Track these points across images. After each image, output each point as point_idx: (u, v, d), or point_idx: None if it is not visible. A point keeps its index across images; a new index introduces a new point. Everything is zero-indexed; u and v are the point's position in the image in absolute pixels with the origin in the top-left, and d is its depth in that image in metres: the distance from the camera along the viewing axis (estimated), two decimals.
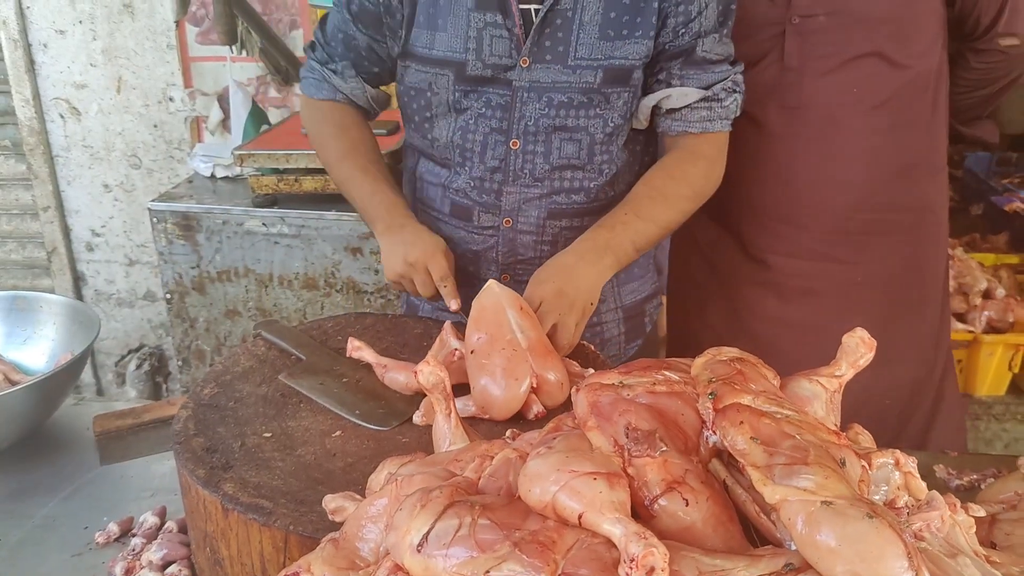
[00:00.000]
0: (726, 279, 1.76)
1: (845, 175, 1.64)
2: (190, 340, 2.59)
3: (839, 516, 0.58)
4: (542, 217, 1.53)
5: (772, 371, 0.84)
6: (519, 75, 1.44)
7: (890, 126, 1.63)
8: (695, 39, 1.44)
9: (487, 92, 1.46)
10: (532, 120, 1.46)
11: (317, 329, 1.46)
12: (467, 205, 1.55)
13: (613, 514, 0.60)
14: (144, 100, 3.28)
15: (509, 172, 1.50)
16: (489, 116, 1.47)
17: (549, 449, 0.68)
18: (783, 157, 1.62)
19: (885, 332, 1.75)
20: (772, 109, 1.60)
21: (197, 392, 1.25)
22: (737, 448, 0.67)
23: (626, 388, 0.76)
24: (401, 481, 0.79)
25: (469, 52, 1.43)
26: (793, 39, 1.56)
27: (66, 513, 1.31)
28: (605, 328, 1.68)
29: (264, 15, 3.01)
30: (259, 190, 2.43)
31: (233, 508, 0.99)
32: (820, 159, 1.62)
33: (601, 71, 1.43)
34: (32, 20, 3.22)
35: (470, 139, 1.50)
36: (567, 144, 1.48)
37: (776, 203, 1.66)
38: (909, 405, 1.82)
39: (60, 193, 3.48)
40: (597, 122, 1.47)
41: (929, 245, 1.76)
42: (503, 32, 1.42)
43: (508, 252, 1.56)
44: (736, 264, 1.73)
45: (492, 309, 1.22)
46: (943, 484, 1.34)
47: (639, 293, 1.70)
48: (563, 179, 1.51)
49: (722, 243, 1.75)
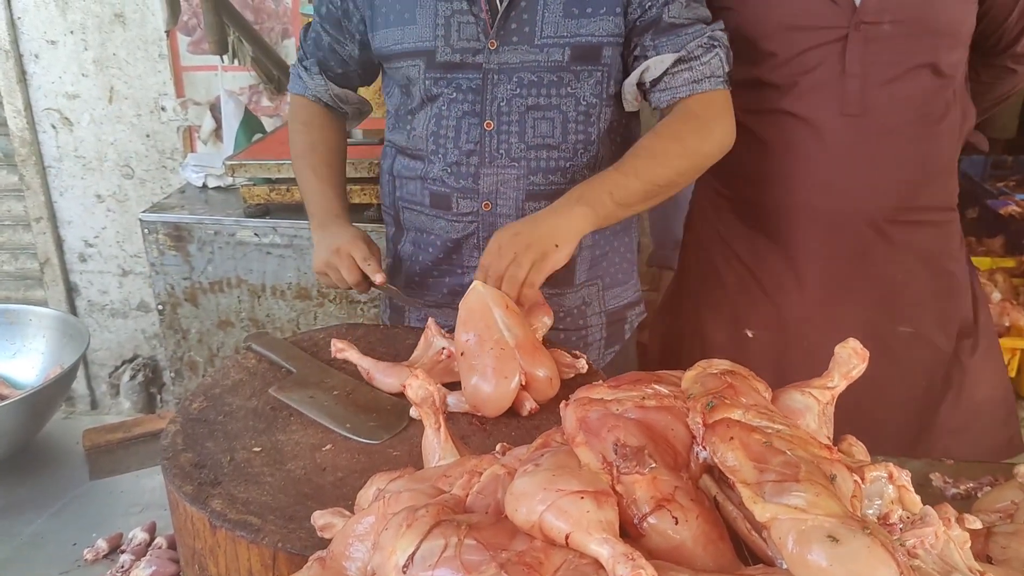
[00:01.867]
0: (771, 286, 1.73)
1: (895, 180, 1.65)
2: (183, 351, 2.57)
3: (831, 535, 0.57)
4: (521, 199, 1.53)
5: (764, 383, 0.83)
6: (488, 58, 1.48)
7: (932, 134, 1.64)
8: (661, 9, 1.45)
9: (457, 78, 1.50)
10: (505, 100, 1.49)
11: (308, 340, 1.45)
12: (445, 193, 1.57)
13: (600, 534, 0.59)
14: (136, 110, 3.27)
15: (485, 154, 1.52)
16: (461, 100, 1.51)
17: (536, 467, 0.67)
18: (840, 164, 1.61)
19: (922, 324, 1.79)
20: (829, 116, 1.58)
21: (186, 406, 1.24)
22: (727, 464, 0.66)
23: (615, 403, 0.75)
24: (389, 498, 0.77)
25: (438, 39, 1.48)
26: (856, 45, 1.54)
27: (54, 530, 1.30)
28: (589, 332, 1.68)
29: (256, 24, 3.01)
30: (251, 200, 2.42)
31: (221, 525, 0.98)
32: (874, 166, 1.61)
33: (568, 48, 1.46)
34: (23, 31, 3.21)
35: (444, 125, 1.53)
36: (541, 123, 1.50)
37: (829, 209, 1.64)
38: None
39: (52, 204, 3.47)
40: (569, 101, 1.49)
41: (954, 240, 1.78)
42: (470, 17, 1.46)
43: (488, 236, 1.56)
44: (780, 270, 1.71)
45: (479, 310, 1.23)
46: (939, 493, 1.34)
47: (622, 299, 1.71)
48: (539, 159, 1.52)
49: (764, 250, 1.72)
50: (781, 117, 1.62)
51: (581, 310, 1.66)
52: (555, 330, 1.47)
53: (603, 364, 1.71)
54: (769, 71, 1.59)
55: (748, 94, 1.61)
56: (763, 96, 1.62)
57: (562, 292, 1.61)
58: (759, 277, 1.74)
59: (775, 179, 1.64)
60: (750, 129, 1.63)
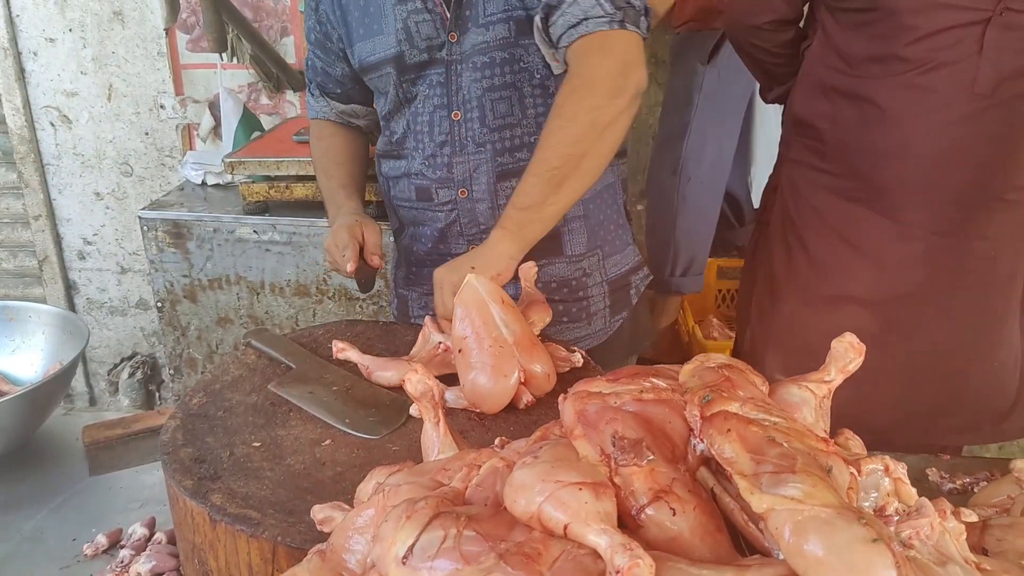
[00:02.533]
0: (874, 254, 1.76)
1: (1014, 162, 1.69)
2: (182, 348, 2.57)
3: (827, 525, 0.58)
4: (492, 181, 1.57)
5: (761, 377, 0.84)
6: (450, 50, 1.51)
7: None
8: None
9: (428, 75, 1.54)
10: (466, 88, 1.52)
11: (307, 337, 1.45)
12: (426, 185, 1.61)
13: (599, 525, 0.60)
14: (135, 108, 3.27)
15: (456, 143, 1.56)
16: (431, 95, 1.55)
17: (535, 459, 0.68)
18: (964, 139, 1.64)
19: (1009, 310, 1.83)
20: (960, 92, 1.61)
21: (186, 402, 1.24)
22: (724, 456, 0.66)
23: (613, 396, 0.76)
24: (388, 491, 0.78)
25: (403, 43, 1.52)
26: (996, 29, 1.57)
27: (54, 525, 1.30)
28: (592, 303, 1.71)
29: (255, 22, 3.01)
30: (250, 197, 2.43)
31: (221, 519, 0.98)
32: (996, 143, 1.66)
33: (512, 23, 1.47)
34: (22, 28, 3.21)
35: (419, 121, 1.57)
36: (499, 104, 1.53)
37: (954, 185, 1.68)
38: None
39: (51, 202, 3.47)
40: (523, 76, 1.51)
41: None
42: (426, 16, 1.50)
43: (470, 223, 1.61)
44: (875, 236, 1.74)
45: (476, 306, 1.23)
46: (936, 488, 1.34)
47: (623, 265, 1.74)
48: (503, 139, 1.55)
49: (870, 224, 1.75)
50: (909, 91, 1.64)
51: (581, 281, 1.68)
52: (552, 301, 1.49)
53: (611, 331, 1.74)
54: (906, 45, 1.62)
55: (877, 66, 1.66)
56: (894, 69, 1.65)
57: (551, 262, 1.64)
58: (863, 247, 1.76)
59: (895, 152, 1.67)
60: (873, 102, 1.67)
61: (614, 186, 1.71)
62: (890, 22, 1.63)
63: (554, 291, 1.65)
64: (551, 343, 1.32)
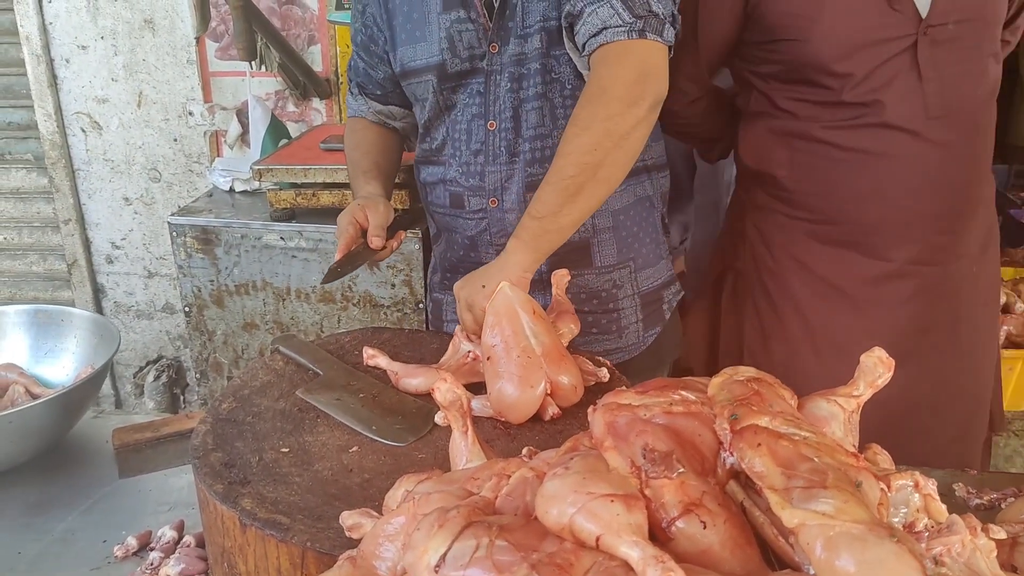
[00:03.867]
0: (863, 302, 1.72)
1: (981, 174, 1.69)
2: (208, 352, 2.60)
3: (858, 541, 0.58)
4: (522, 192, 1.57)
5: (790, 391, 0.84)
6: (491, 61, 1.53)
7: (994, 123, 1.70)
8: None
9: (469, 84, 1.56)
10: (503, 99, 1.54)
11: (334, 343, 1.47)
12: (459, 192, 1.63)
13: (631, 537, 0.60)
14: (164, 114, 3.32)
15: (489, 153, 1.58)
16: (471, 104, 1.57)
17: (566, 470, 0.68)
18: (936, 167, 1.62)
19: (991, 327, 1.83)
20: (918, 121, 1.60)
21: (215, 407, 1.26)
22: (755, 470, 0.66)
23: (643, 408, 0.76)
24: (419, 499, 0.79)
25: (445, 52, 1.53)
26: (925, 50, 1.57)
27: (85, 527, 1.32)
28: (623, 315, 1.70)
29: (283, 31, 3.04)
30: (277, 204, 2.45)
31: (251, 524, 0.99)
32: (969, 163, 1.65)
33: (545, 34, 1.48)
34: (54, 36, 3.27)
35: (457, 129, 1.59)
36: (531, 114, 1.54)
37: (932, 214, 1.65)
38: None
39: (81, 206, 3.52)
40: (554, 87, 1.53)
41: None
42: (469, 25, 1.51)
43: (499, 232, 1.62)
44: (873, 283, 1.70)
45: (506, 315, 1.24)
46: (962, 503, 1.33)
47: (655, 279, 1.73)
48: (534, 150, 1.56)
49: (854, 265, 1.71)
50: (866, 130, 1.62)
51: (611, 293, 1.68)
52: (581, 312, 1.48)
53: (644, 347, 1.73)
54: (850, 91, 1.60)
55: (827, 113, 1.62)
56: (844, 114, 1.62)
57: (580, 273, 1.63)
58: (852, 291, 1.72)
59: (867, 192, 1.64)
60: (832, 144, 1.63)
61: (651, 199, 1.70)
62: (821, 75, 1.60)
63: (583, 302, 1.65)
64: (580, 355, 1.33)
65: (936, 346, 1.74)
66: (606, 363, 1.35)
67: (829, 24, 1.57)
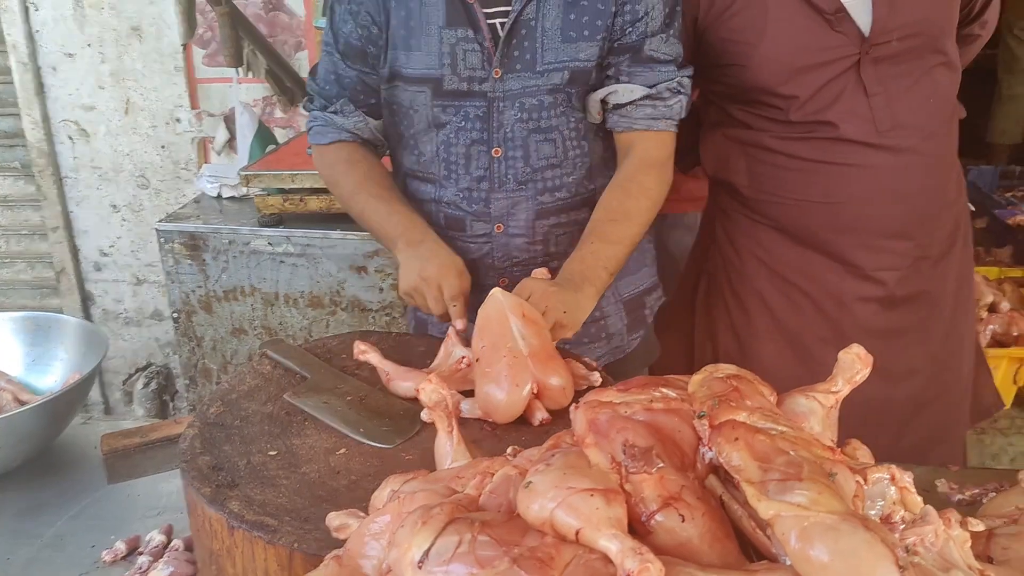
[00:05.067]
0: (827, 303, 1.73)
1: (941, 178, 1.70)
2: (197, 359, 2.60)
3: (832, 531, 0.59)
4: (531, 219, 1.58)
5: (769, 387, 0.85)
6: (493, 86, 1.51)
7: (953, 128, 1.71)
8: (642, 38, 1.50)
9: (464, 106, 1.53)
10: (510, 127, 1.53)
11: (322, 347, 1.47)
12: (459, 216, 1.60)
13: (610, 530, 0.61)
14: (152, 121, 3.32)
15: (495, 180, 1.56)
16: (469, 128, 1.54)
17: (548, 466, 0.70)
18: (891, 175, 1.63)
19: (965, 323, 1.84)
20: (870, 133, 1.61)
21: (203, 411, 1.26)
22: (732, 464, 0.68)
23: (624, 405, 0.78)
24: (403, 498, 0.80)
25: (445, 67, 1.50)
26: (869, 67, 1.58)
27: (74, 532, 1.32)
28: (609, 323, 1.72)
29: (270, 37, 3.05)
30: (265, 210, 2.46)
31: (238, 526, 1.00)
32: (924, 169, 1.65)
33: (567, 72, 1.50)
34: (41, 44, 3.27)
35: (453, 152, 1.56)
36: (543, 145, 1.55)
37: (890, 220, 1.66)
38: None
39: (69, 214, 3.51)
40: (563, 120, 1.54)
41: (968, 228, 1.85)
42: (475, 46, 1.49)
43: (503, 257, 1.61)
44: (836, 285, 1.72)
45: (496, 318, 1.25)
46: (945, 499, 1.35)
47: (638, 286, 1.76)
48: (545, 179, 1.57)
49: (823, 270, 1.72)
50: (819, 145, 1.63)
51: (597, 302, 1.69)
52: None
53: (630, 349, 1.76)
54: (797, 112, 1.61)
55: (779, 127, 1.64)
56: (796, 130, 1.64)
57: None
58: (816, 293, 1.74)
59: (825, 199, 1.65)
60: (786, 154, 1.65)
61: None
62: (768, 97, 1.62)
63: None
64: (572, 359, 1.33)
65: (907, 348, 1.75)
66: (598, 368, 1.36)
67: (770, 49, 1.59)
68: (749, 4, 1.60)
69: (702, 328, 1.91)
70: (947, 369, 1.81)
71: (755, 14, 1.59)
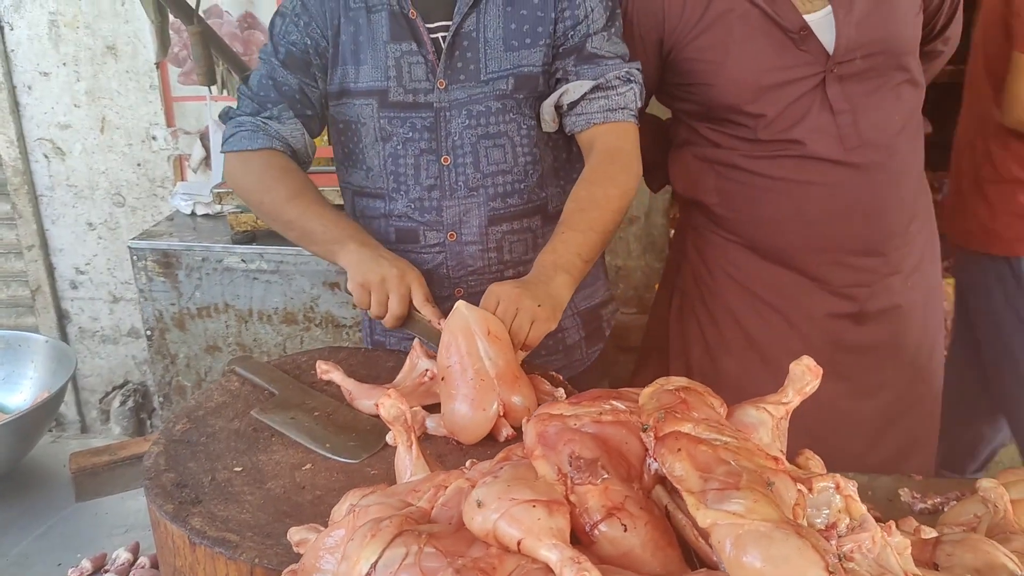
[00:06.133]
0: (798, 319, 1.75)
1: (908, 194, 1.72)
2: (171, 376, 2.60)
3: (765, 538, 0.61)
4: (483, 225, 1.61)
5: (719, 399, 0.87)
6: (438, 96, 1.55)
7: (918, 144, 1.73)
8: (584, 39, 1.55)
9: (411, 117, 1.56)
10: (458, 134, 1.56)
11: (291, 364, 1.48)
12: (411, 227, 1.62)
13: (550, 540, 0.63)
14: (127, 139, 3.32)
15: (446, 187, 1.59)
16: (417, 139, 1.57)
17: (495, 478, 0.71)
18: (859, 192, 1.65)
19: (935, 336, 1.88)
20: (837, 151, 1.63)
21: (169, 428, 1.27)
22: (674, 474, 0.69)
23: (573, 418, 0.79)
24: (358, 511, 0.81)
25: (390, 80, 1.55)
26: (834, 85, 1.60)
27: (40, 550, 1.33)
28: (567, 335, 1.74)
29: (245, 55, 3.06)
30: (238, 227, 2.47)
31: (200, 542, 1.01)
32: (891, 186, 1.68)
33: (512, 78, 1.55)
34: (16, 63, 3.26)
35: (402, 163, 1.59)
36: (493, 151, 1.58)
37: (858, 237, 1.69)
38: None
39: (44, 232, 3.50)
40: (513, 126, 1.57)
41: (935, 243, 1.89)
42: (419, 59, 1.54)
43: (457, 265, 1.63)
44: (807, 301, 1.74)
45: (462, 335, 1.25)
46: (908, 508, 1.37)
47: (593, 299, 1.78)
48: (495, 185, 1.59)
49: (793, 287, 1.74)
50: (787, 162, 1.65)
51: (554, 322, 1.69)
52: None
53: (589, 362, 1.78)
54: (765, 130, 1.63)
55: (747, 145, 1.66)
56: (763, 149, 1.66)
57: None
58: (785, 307, 1.75)
59: (788, 217, 1.67)
60: (754, 172, 1.67)
61: None
62: (735, 115, 1.65)
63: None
64: (536, 376, 1.33)
65: (878, 362, 1.77)
66: (563, 382, 1.36)
67: (735, 68, 1.61)
68: (714, 23, 1.62)
69: (676, 344, 1.93)
70: (918, 382, 1.83)
71: (720, 33, 1.62)
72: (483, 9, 1.53)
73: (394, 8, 1.54)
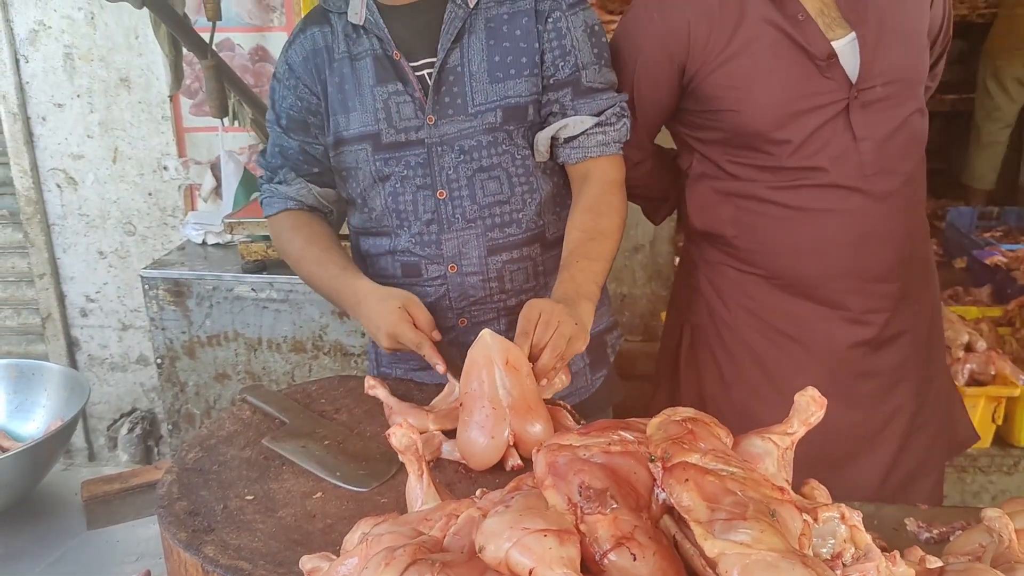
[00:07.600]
0: (818, 349, 1.76)
1: (919, 219, 1.76)
2: (180, 404, 2.62)
3: (772, 568, 0.62)
4: (483, 255, 1.63)
5: (725, 430, 0.89)
6: (429, 133, 1.58)
7: (923, 170, 1.76)
8: (576, 71, 1.59)
9: (405, 156, 1.59)
10: (452, 168, 1.59)
11: (301, 392, 1.50)
12: (414, 261, 1.65)
13: (561, 569, 0.64)
14: (139, 169, 3.36)
15: (443, 221, 1.61)
16: (412, 176, 1.60)
17: (507, 508, 0.72)
18: (876, 219, 1.67)
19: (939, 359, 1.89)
20: (857, 178, 1.65)
21: (182, 456, 1.28)
22: (682, 504, 0.70)
23: (583, 448, 0.81)
24: (371, 540, 0.82)
25: (381, 123, 1.58)
26: (857, 112, 1.62)
27: None
28: (572, 362, 1.72)
29: (255, 87, 3.11)
30: (248, 256, 2.49)
31: (213, 570, 1.02)
32: (905, 212, 1.70)
33: (500, 111, 1.58)
34: (31, 95, 3.32)
35: (401, 201, 1.62)
36: (488, 183, 1.61)
37: (877, 263, 1.70)
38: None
39: (56, 260, 3.53)
40: (507, 158, 1.61)
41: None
42: (406, 98, 1.57)
43: (459, 296, 1.65)
44: (827, 330, 1.75)
45: (482, 363, 1.27)
46: (913, 537, 1.37)
47: (598, 325, 1.76)
48: (493, 215, 1.62)
49: (812, 316, 1.74)
50: (808, 191, 1.66)
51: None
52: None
53: (594, 388, 1.79)
54: (790, 157, 1.65)
55: (768, 175, 1.68)
56: (786, 177, 1.67)
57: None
58: (807, 339, 1.75)
59: (809, 247, 1.69)
60: (775, 203, 1.68)
61: None
62: (760, 142, 1.66)
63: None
64: (558, 408, 1.35)
65: (893, 387, 1.78)
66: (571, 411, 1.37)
67: (763, 95, 1.63)
68: (742, 50, 1.63)
69: (689, 379, 1.92)
70: (926, 405, 1.84)
71: (748, 60, 1.63)
72: (466, 43, 1.56)
73: (377, 52, 1.57)
